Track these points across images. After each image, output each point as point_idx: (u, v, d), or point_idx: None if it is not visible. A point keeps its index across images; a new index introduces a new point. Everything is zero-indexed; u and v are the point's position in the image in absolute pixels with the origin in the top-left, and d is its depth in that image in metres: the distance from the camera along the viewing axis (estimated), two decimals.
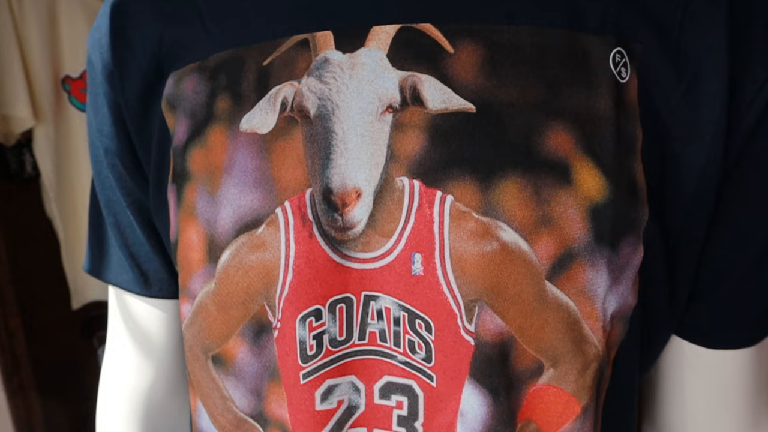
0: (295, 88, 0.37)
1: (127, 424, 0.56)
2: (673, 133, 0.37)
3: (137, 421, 0.56)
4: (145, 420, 0.56)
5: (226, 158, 0.38)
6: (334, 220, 0.36)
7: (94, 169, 0.51)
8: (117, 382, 0.56)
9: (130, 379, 0.55)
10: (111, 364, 0.57)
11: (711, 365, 0.45)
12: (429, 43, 0.36)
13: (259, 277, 0.38)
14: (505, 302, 0.35)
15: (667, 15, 0.37)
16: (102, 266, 0.53)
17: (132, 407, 0.56)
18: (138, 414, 0.56)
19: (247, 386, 0.40)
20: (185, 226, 0.40)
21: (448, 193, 0.35)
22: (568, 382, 0.37)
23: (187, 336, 0.42)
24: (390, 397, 0.38)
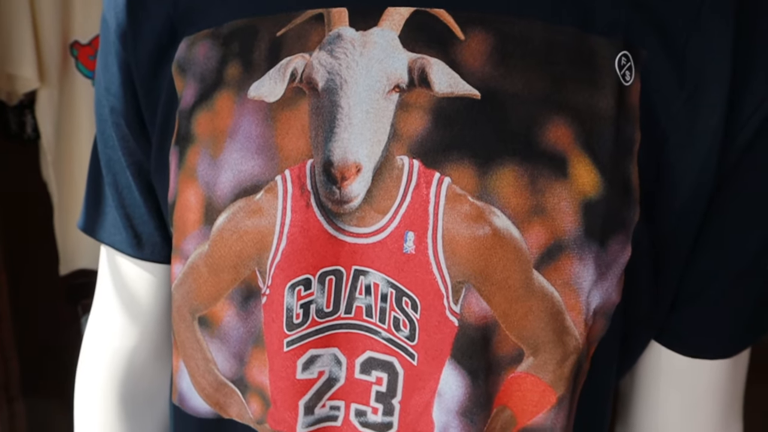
0: (306, 61, 0.38)
1: (106, 384, 0.56)
2: (671, 139, 0.38)
3: (117, 382, 0.56)
4: (124, 382, 0.56)
5: (232, 123, 0.39)
6: (332, 192, 0.37)
7: (98, 127, 0.51)
8: (100, 343, 0.57)
9: (113, 340, 0.56)
10: (96, 325, 0.57)
11: (686, 373, 0.46)
12: (441, 29, 0.36)
13: (253, 243, 0.38)
14: (491, 286, 0.36)
15: (674, 24, 0.37)
16: (96, 225, 0.54)
17: (113, 369, 0.56)
18: (118, 376, 0.56)
19: (230, 350, 0.41)
20: (184, 187, 0.41)
21: (446, 175, 0.35)
22: (547, 372, 0.37)
23: (175, 296, 0.43)
24: (370, 372, 0.39)
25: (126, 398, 0.57)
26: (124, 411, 0.57)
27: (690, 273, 0.43)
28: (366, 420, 0.40)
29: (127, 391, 0.57)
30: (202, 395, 0.43)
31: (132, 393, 0.57)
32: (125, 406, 0.57)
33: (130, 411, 0.57)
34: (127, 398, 0.57)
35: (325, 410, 0.40)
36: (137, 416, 0.57)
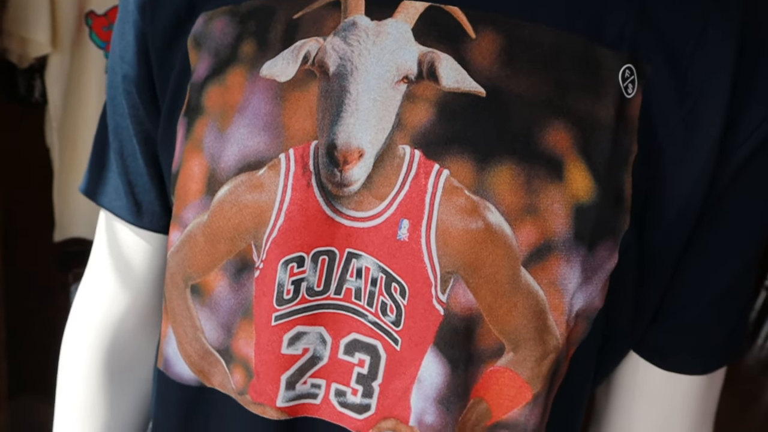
0: (320, 45, 0.39)
1: (92, 347, 0.57)
2: (667, 154, 0.39)
3: (103, 346, 0.57)
4: (111, 346, 0.57)
5: (242, 99, 0.40)
6: (333, 174, 0.37)
7: (108, 94, 0.52)
8: (90, 306, 0.57)
9: (103, 305, 0.57)
10: (87, 289, 0.58)
11: (662, 388, 0.47)
12: (453, 25, 0.37)
13: (252, 216, 0.39)
14: (479, 279, 0.37)
15: (680, 42, 0.38)
16: (98, 190, 0.54)
17: (101, 332, 0.57)
18: (105, 339, 0.57)
19: (219, 320, 0.41)
20: (189, 157, 0.42)
21: (446, 167, 0.36)
22: (525, 369, 0.38)
23: (170, 263, 0.44)
24: (354, 354, 0.40)
25: (110, 363, 0.57)
26: (108, 375, 0.57)
27: (674, 287, 0.44)
28: (345, 400, 0.40)
29: (112, 355, 0.57)
30: (188, 362, 0.44)
31: (117, 358, 0.58)
32: (109, 370, 0.57)
33: (114, 375, 0.58)
34: (112, 363, 0.57)
35: (306, 387, 0.41)
36: (120, 381, 0.58)
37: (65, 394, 0.58)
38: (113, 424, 0.58)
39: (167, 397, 0.46)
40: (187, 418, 0.45)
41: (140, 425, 0.61)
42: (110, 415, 0.58)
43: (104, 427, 0.58)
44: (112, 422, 0.58)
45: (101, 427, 0.58)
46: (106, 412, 0.58)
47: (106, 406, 0.58)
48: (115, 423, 0.58)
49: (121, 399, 0.58)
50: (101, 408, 0.57)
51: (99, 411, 0.57)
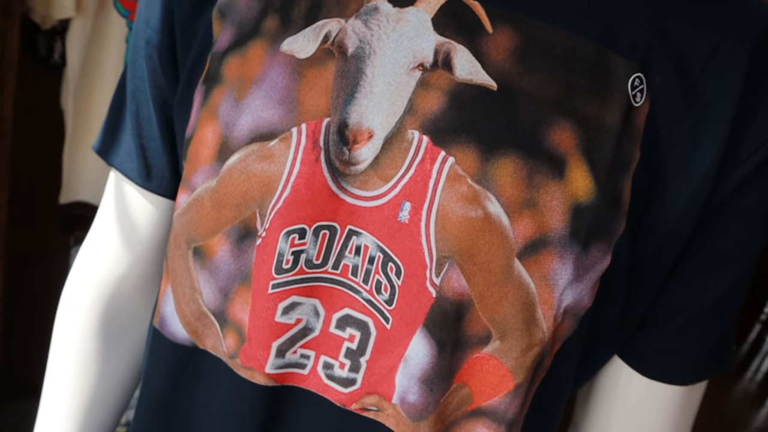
0: (341, 26, 0.40)
1: (91, 303, 0.58)
2: (668, 165, 0.40)
3: (102, 303, 0.58)
4: (109, 305, 0.58)
5: (261, 72, 0.41)
6: (342, 152, 0.39)
7: (130, 57, 0.53)
8: (92, 265, 0.58)
9: (105, 264, 0.58)
10: (90, 247, 0.59)
11: (643, 394, 0.48)
12: (472, 19, 0.38)
13: (259, 186, 0.40)
14: (473, 266, 0.38)
15: (691, 56, 0.39)
16: (111, 150, 0.55)
17: (100, 290, 0.58)
18: (104, 297, 0.58)
19: (218, 283, 0.43)
20: (204, 123, 0.43)
21: (451, 155, 0.37)
22: (509, 358, 0.39)
23: (176, 224, 0.45)
24: (345, 328, 0.41)
25: (106, 322, 0.58)
26: (102, 334, 0.58)
27: (663, 296, 0.45)
28: (332, 373, 0.41)
29: (109, 314, 0.58)
30: (183, 322, 0.45)
31: (113, 317, 0.59)
32: (104, 329, 0.58)
33: (108, 336, 0.59)
34: (107, 323, 0.58)
35: (295, 356, 0.42)
36: (114, 342, 0.59)
37: (58, 350, 0.59)
38: (103, 383, 0.59)
39: (160, 354, 0.47)
40: (177, 377, 0.46)
41: (129, 388, 0.63)
42: (101, 375, 0.59)
43: (94, 386, 0.59)
44: (101, 381, 0.59)
45: (91, 386, 0.59)
46: (97, 371, 0.59)
47: (97, 365, 0.59)
48: (104, 382, 0.59)
49: (113, 360, 0.59)
50: (93, 367, 0.58)
51: (90, 369, 0.58)
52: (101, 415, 0.60)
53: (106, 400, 0.60)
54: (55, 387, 0.59)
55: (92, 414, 0.59)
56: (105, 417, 0.61)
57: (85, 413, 0.59)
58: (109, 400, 0.60)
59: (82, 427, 0.59)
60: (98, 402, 0.59)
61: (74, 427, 0.58)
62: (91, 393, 0.59)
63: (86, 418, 0.59)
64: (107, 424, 0.61)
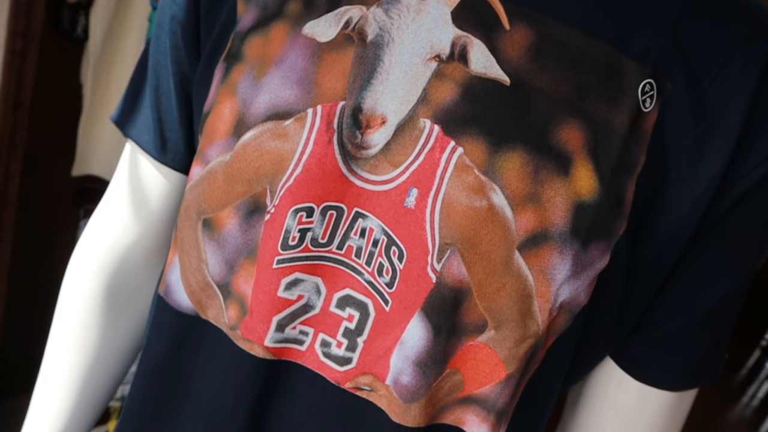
0: (362, 13, 0.40)
1: (97, 273, 0.59)
2: (673, 171, 0.41)
3: (109, 270, 0.59)
4: (115, 272, 0.59)
5: (281, 53, 0.42)
6: (354, 136, 0.39)
7: (154, 32, 0.54)
8: (101, 233, 0.59)
9: (115, 233, 0.59)
10: (101, 216, 0.60)
11: (632, 397, 0.49)
12: (490, 15, 0.39)
13: (271, 163, 0.41)
14: (474, 255, 0.38)
15: (703, 67, 0.40)
16: (129, 122, 0.57)
17: (107, 260, 0.59)
18: (112, 265, 0.59)
19: (224, 256, 0.44)
20: (222, 99, 0.44)
21: (461, 145, 0.38)
22: (503, 348, 0.40)
23: (187, 195, 0.46)
24: (345, 308, 0.42)
25: (112, 288, 0.60)
26: (108, 299, 0.60)
27: (659, 301, 0.45)
28: (329, 351, 0.42)
29: (115, 282, 0.59)
30: (188, 291, 0.46)
31: (119, 285, 0.60)
32: (109, 297, 0.60)
33: (113, 304, 0.60)
34: (114, 289, 0.60)
35: (294, 332, 0.43)
36: (118, 308, 0.60)
37: (63, 314, 0.60)
38: (104, 349, 0.60)
39: (163, 321, 0.48)
40: (178, 344, 0.47)
41: (129, 357, 0.64)
42: (102, 341, 0.60)
43: (95, 351, 0.60)
44: (103, 347, 0.60)
45: (92, 351, 0.60)
46: (100, 337, 0.60)
47: (100, 331, 0.60)
48: (106, 348, 0.60)
49: (116, 327, 0.60)
50: (95, 332, 0.60)
51: (93, 335, 0.60)
52: (100, 380, 0.61)
53: (106, 367, 0.61)
54: (57, 349, 0.60)
55: (91, 378, 0.60)
56: (103, 383, 0.62)
57: (85, 377, 0.60)
58: (109, 367, 0.61)
59: (81, 391, 0.60)
60: (98, 367, 0.60)
61: (73, 389, 0.60)
62: (92, 358, 0.60)
63: (85, 382, 0.60)
64: (105, 391, 0.62)
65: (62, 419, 0.60)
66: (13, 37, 1.11)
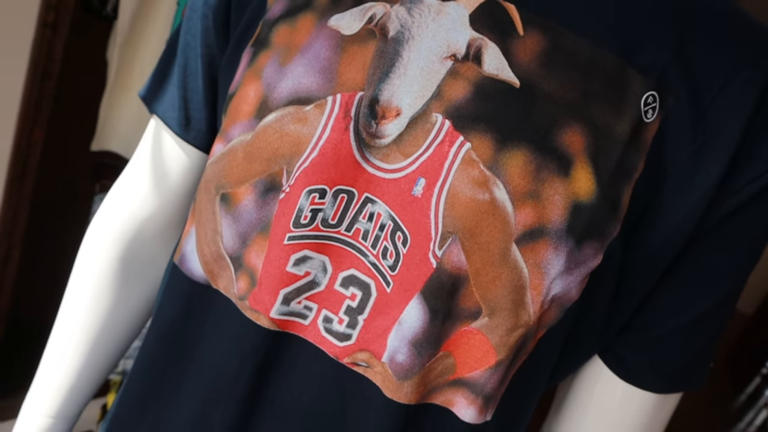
0: (386, 10, 0.43)
1: (114, 241, 0.62)
2: (669, 181, 0.43)
3: (124, 242, 0.62)
4: (130, 245, 0.62)
5: (306, 42, 0.44)
6: (369, 125, 0.42)
7: (186, 14, 0.57)
8: (121, 204, 0.62)
9: (134, 204, 0.61)
10: (122, 187, 0.62)
11: (618, 398, 0.51)
12: (506, 20, 0.41)
13: (290, 145, 0.44)
14: (474, 245, 0.41)
15: (706, 83, 0.42)
16: (156, 98, 0.59)
17: (124, 229, 0.62)
18: (126, 237, 0.62)
19: (238, 229, 0.46)
20: (248, 82, 0.46)
21: (469, 140, 0.40)
22: (495, 335, 0.42)
23: (208, 170, 0.48)
24: (348, 287, 0.44)
25: (127, 257, 0.62)
26: (123, 267, 0.62)
27: (648, 304, 0.47)
28: (330, 327, 0.45)
29: (131, 251, 0.62)
30: (201, 261, 0.48)
31: (134, 254, 0.62)
32: (125, 263, 0.62)
33: (128, 269, 0.62)
34: (128, 258, 0.62)
35: (299, 307, 0.45)
36: (132, 276, 0.63)
37: (79, 277, 0.63)
38: (115, 314, 0.63)
39: (175, 288, 0.50)
40: (189, 311, 0.49)
41: (137, 325, 0.66)
42: (114, 306, 0.62)
43: (107, 316, 0.62)
44: (114, 312, 0.63)
45: (104, 314, 0.62)
46: (112, 302, 0.62)
47: (113, 296, 0.62)
48: (117, 314, 0.63)
49: (128, 294, 0.63)
50: (108, 297, 0.62)
51: (106, 300, 0.62)
52: (109, 343, 0.64)
53: (115, 331, 0.64)
54: (71, 310, 0.62)
55: (101, 339, 0.63)
56: (112, 346, 0.64)
57: (96, 337, 0.62)
58: (118, 331, 0.64)
59: (91, 350, 0.63)
60: (108, 329, 0.63)
61: (84, 348, 0.62)
62: (103, 320, 0.62)
63: (95, 342, 0.63)
64: (112, 354, 0.65)
65: (71, 376, 0.62)
66: (46, 9, 1.15)
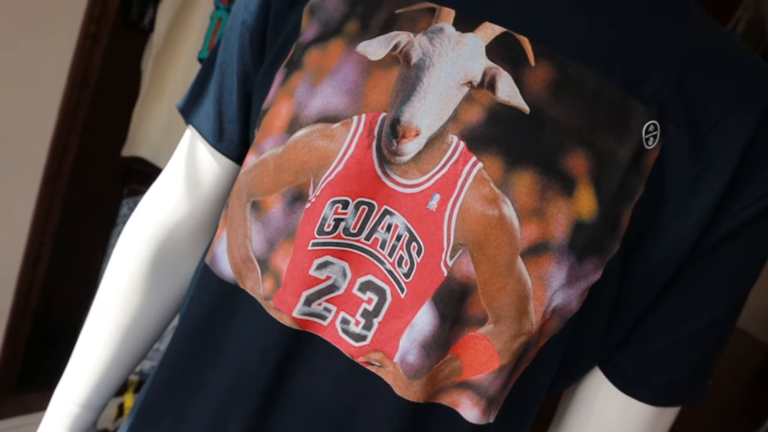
0: (410, 39, 0.47)
1: (147, 242, 0.66)
2: (669, 204, 0.46)
3: (156, 243, 0.66)
4: (161, 246, 0.66)
5: (336, 65, 0.48)
6: (391, 143, 0.46)
7: (225, 33, 0.61)
8: (155, 207, 0.66)
9: (166, 208, 0.66)
10: (156, 192, 0.67)
11: (617, 409, 0.53)
12: (519, 51, 0.45)
13: (317, 159, 0.47)
14: (482, 256, 0.44)
15: (704, 115, 0.45)
16: (192, 110, 0.64)
17: (157, 231, 0.66)
18: (159, 238, 0.66)
19: (266, 235, 0.50)
20: (280, 100, 0.50)
21: (481, 160, 0.44)
22: (499, 341, 0.45)
23: (240, 179, 0.52)
24: (366, 292, 0.48)
25: (158, 258, 0.66)
26: (154, 267, 0.66)
27: (646, 320, 0.50)
28: (347, 328, 0.48)
29: (162, 252, 0.66)
30: (231, 262, 0.52)
31: (165, 256, 0.67)
32: (155, 263, 0.66)
33: (158, 269, 0.67)
34: (159, 258, 0.66)
35: (319, 308, 0.49)
36: (162, 275, 0.67)
37: (113, 274, 0.67)
38: (144, 310, 0.67)
39: (206, 286, 0.54)
40: (217, 308, 0.53)
41: (163, 322, 0.70)
42: (144, 303, 0.67)
43: (137, 311, 0.67)
44: (144, 308, 0.67)
45: (134, 310, 0.66)
46: (142, 298, 0.66)
47: (143, 293, 0.66)
48: (146, 310, 0.67)
49: (157, 292, 0.67)
50: (139, 294, 0.66)
51: (136, 296, 0.66)
52: (137, 339, 0.68)
53: (144, 327, 0.68)
54: (104, 305, 0.67)
55: (130, 335, 0.67)
56: (139, 343, 0.69)
57: (125, 332, 0.67)
58: (146, 327, 0.68)
59: (120, 345, 0.67)
60: (137, 325, 0.67)
61: (114, 343, 0.66)
62: (133, 317, 0.67)
63: (125, 337, 0.67)
64: (139, 350, 0.69)
65: (100, 367, 0.66)
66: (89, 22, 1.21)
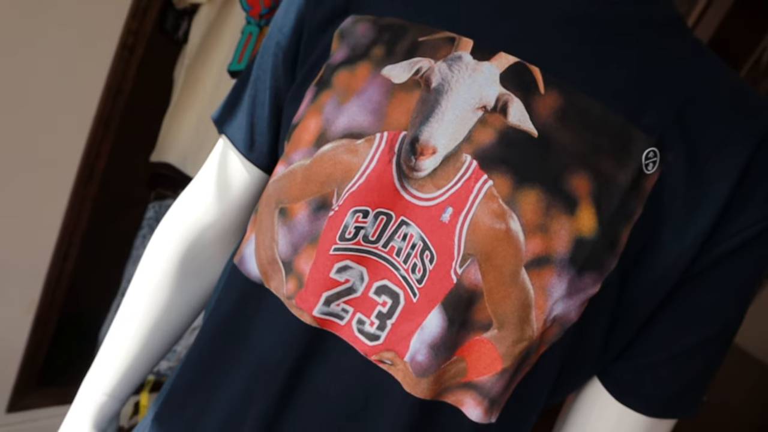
0: (430, 65, 0.51)
1: (178, 242, 0.71)
2: (666, 225, 0.49)
3: (186, 244, 0.70)
4: (191, 247, 0.70)
5: (362, 86, 0.53)
6: (410, 159, 0.50)
7: (260, 51, 0.66)
8: (186, 210, 0.71)
9: (197, 212, 0.70)
10: (188, 195, 0.72)
11: (614, 419, 0.56)
12: (530, 80, 0.49)
13: (342, 171, 0.52)
14: (489, 266, 0.48)
15: (702, 145, 0.48)
16: (226, 121, 0.68)
17: (187, 232, 0.70)
18: (189, 239, 0.70)
19: (292, 239, 0.54)
20: (310, 116, 0.55)
21: (491, 178, 0.48)
22: (502, 345, 0.49)
23: (270, 187, 0.57)
24: (381, 295, 0.51)
25: (187, 258, 0.71)
26: (183, 266, 0.71)
27: (642, 334, 0.53)
28: (362, 328, 0.52)
29: (191, 253, 0.71)
30: (258, 263, 0.56)
31: (194, 256, 0.71)
32: (184, 263, 0.71)
33: (187, 268, 0.71)
34: (188, 258, 0.71)
35: (338, 308, 0.53)
36: (190, 275, 0.71)
37: (144, 273, 0.72)
38: (172, 306, 0.71)
39: (233, 285, 0.58)
40: (243, 305, 0.57)
41: (189, 318, 0.75)
42: (171, 299, 0.71)
43: (164, 306, 0.71)
44: (170, 306, 0.71)
45: (162, 306, 0.71)
46: (170, 295, 0.71)
47: (171, 290, 0.71)
48: (173, 306, 0.72)
49: (184, 290, 0.72)
50: (167, 290, 0.71)
51: (165, 292, 0.71)
52: (163, 334, 0.72)
53: (170, 322, 0.72)
54: (134, 301, 0.71)
55: (157, 330, 0.72)
56: (164, 337, 0.73)
57: (153, 327, 0.71)
58: (172, 323, 0.73)
59: (147, 339, 0.71)
60: (164, 321, 0.72)
61: (141, 337, 0.71)
62: (160, 312, 0.71)
63: (152, 332, 0.71)
64: (163, 346, 0.74)
65: (128, 359, 0.71)
66: (128, 33, 1.27)
